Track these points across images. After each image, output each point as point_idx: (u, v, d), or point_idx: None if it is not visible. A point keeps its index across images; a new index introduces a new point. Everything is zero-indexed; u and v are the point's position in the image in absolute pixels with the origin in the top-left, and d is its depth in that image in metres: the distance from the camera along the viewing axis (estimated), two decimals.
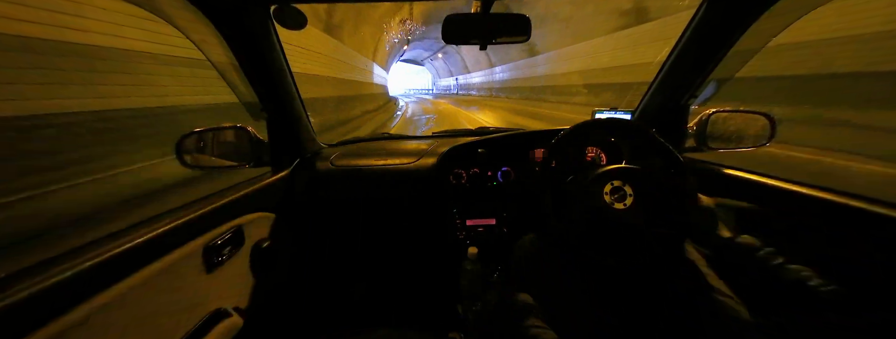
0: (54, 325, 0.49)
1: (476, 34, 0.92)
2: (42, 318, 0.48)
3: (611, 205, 0.88)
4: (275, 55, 1.02)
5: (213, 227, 0.80)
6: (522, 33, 0.91)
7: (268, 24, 0.95)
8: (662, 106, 1.19)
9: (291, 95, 1.14)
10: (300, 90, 1.18)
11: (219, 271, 0.81)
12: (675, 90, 1.14)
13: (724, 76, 1.07)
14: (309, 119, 1.28)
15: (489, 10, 0.86)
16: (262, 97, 1.08)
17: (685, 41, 1.03)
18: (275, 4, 0.90)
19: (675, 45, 1.06)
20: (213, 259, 0.78)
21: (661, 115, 1.20)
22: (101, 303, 0.55)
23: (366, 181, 1.31)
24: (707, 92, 1.13)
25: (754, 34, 0.93)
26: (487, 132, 1.46)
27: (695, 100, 1.15)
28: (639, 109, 1.28)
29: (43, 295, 0.49)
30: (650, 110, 1.23)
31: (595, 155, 1.28)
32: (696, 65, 1.04)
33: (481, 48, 0.97)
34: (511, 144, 1.34)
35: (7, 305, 0.45)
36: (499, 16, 0.88)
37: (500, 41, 0.92)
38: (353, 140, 1.56)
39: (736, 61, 1.03)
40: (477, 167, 1.32)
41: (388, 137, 1.67)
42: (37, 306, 0.48)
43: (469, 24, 0.91)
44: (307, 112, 1.26)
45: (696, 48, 1.02)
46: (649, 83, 1.22)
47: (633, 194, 0.88)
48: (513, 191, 1.32)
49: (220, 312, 0.80)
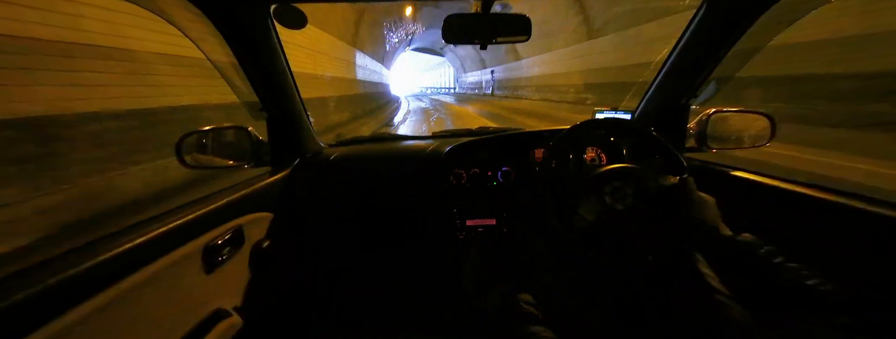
0: (54, 325, 0.49)
1: (476, 34, 0.92)
2: (42, 318, 0.48)
3: (611, 205, 0.88)
4: (275, 55, 1.02)
5: (214, 227, 0.80)
6: (523, 33, 0.92)
7: (268, 23, 0.95)
8: (662, 106, 1.19)
9: (291, 95, 1.14)
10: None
11: (219, 272, 0.81)
12: (675, 90, 1.14)
13: (724, 76, 1.08)
14: (309, 119, 1.28)
15: (489, 10, 0.87)
16: (262, 97, 1.08)
17: (685, 41, 1.03)
18: (275, 4, 0.90)
19: (675, 45, 1.06)
20: (213, 259, 0.78)
21: (661, 115, 1.20)
22: (101, 303, 0.55)
23: (366, 181, 1.31)
24: (707, 92, 1.13)
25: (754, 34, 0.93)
26: (488, 132, 1.46)
27: (695, 100, 1.15)
28: (639, 109, 1.28)
29: (43, 295, 0.48)
30: (650, 110, 1.23)
31: (595, 155, 1.28)
32: (696, 65, 1.05)
33: (481, 48, 0.98)
34: (511, 145, 1.34)
35: (7, 305, 0.45)
36: (499, 15, 0.89)
37: (500, 41, 0.92)
38: (353, 140, 1.56)
39: (736, 61, 1.03)
40: (477, 167, 1.32)
41: (389, 137, 1.67)
42: (37, 306, 0.48)
43: (469, 24, 0.91)
44: (307, 112, 1.26)
45: (696, 48, 1.02)
46: (649, 83, 1.22)
47: (632, 194, 0.88)
48: (513, 191, 1.32)
49: (220, 312, 0.80)
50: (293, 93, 1.15)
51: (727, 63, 1.02)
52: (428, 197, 1.32)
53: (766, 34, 0.96)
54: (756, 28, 0.91)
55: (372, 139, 1.60)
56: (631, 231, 0.88)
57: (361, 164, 1.32)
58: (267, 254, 0.99)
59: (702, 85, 1.10)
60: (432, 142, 1.45)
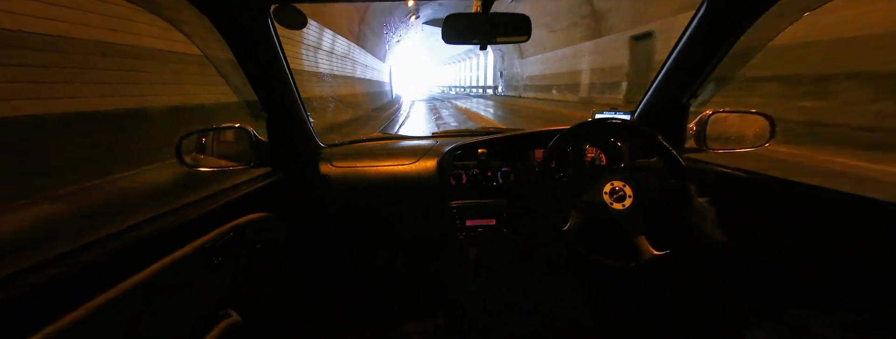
0: (54, 325, 0.48)
1: (477, 34, 0.92)
2: (42, 318, 0.48)
3: (610, 205, 0.88)
4: (275, 55, 1.02)
5: (214, 227, 0.80)
6: (523, 33, 0.92)
7: (268, 24, 0.95)
8: (662, 106, 1.19)
9: (291, 95, 1.14)
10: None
11: (219, 272, 0.81)
12: (675, 90, 1.14)
13: (724, 76, 1.08)
14: (309, 119, 1.28)
15: (490, 10, 0.87)
16: (262, 97, 1.08)
17: (685, 41, 1.03)
18: (275, 4, 0.90)
19: (675, 45, 1.06)
20: (213, 260, 0.78)
21: (661, 115, 1.20)
22: (101, 303, 0.55)
23: (366, 182, 1.31)
24: (707, 92, 1.13)
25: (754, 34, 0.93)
26: (488, 133, 1.46)
27: (695, 100, 1.15)
28: (639, 109, 1.28)
29: (43, 295, 0.48)
30: (650, 110, 1.23)
31: (595, 155, 1.28)
32: (696, 65, 1.05)
33: (482, 48, 0.98)
34: (511, 145, 1.34)
35: (7, 305, 0.45)
36: (499, 15, 0.89)
37: (501, 41, 0.93)
38: (353, 140, 1.56)
39: (736, 61, 1.03)
40: (477, 168, 1.32)
41: (389, 137, 1.67)
42: (37, 306, 0.48)
43: (470, 24, 0.91)
44: (307, 112, 1.26)
45: (696, 48, 1.02)
46: (649, 83, 1.22)
47: (632, 194, 0.89)
48: (513, 191, 1.33)
49: (220, 312, 0.80)
50: (293, 93, 1.15)
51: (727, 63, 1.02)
52: (428, 197, 1.32)
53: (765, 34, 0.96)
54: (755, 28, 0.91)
55: (372, 139, 1.60)
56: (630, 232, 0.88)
57: (362, 164, 1.32)
58: (267, 254, 0.99)
59: (702, 85, 1.10)
60: (432, 142, 1.45)
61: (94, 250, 0.57)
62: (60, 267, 0.52)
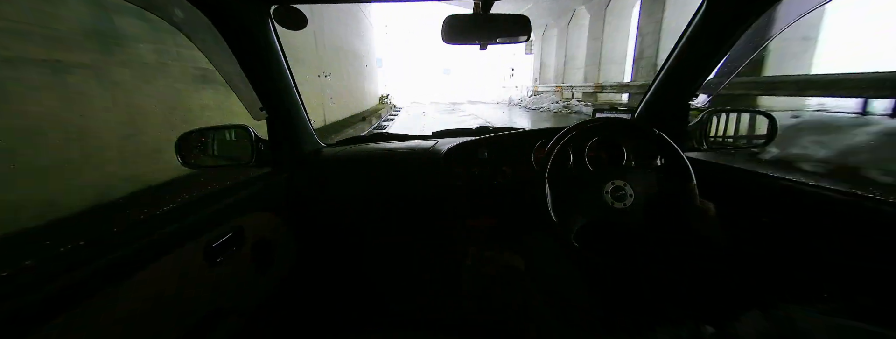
0: (54, 324, 0.49)
1: (476, 34, 0.92)
2: (42, 318, 0.48)
3: (611, 205, 0.88)
4: (275, 55, 1.02)
5: (214, 227, 0.80)
6: (523, 33, 0.92)
7: (268, 24, 0.95)
8: (662, 106, 1.19)
9: (292, 94, 1.14)
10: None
11: (219, 271, 0.81)
12: (675, 90, 1.14)
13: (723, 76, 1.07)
14: (309, 119, 1.28)
15: (489, 10, 0.87)
16: (262, 97, 1.08)
17: (685, 41, 1.03)
18: (275, 5, 0.90)
19: (676, 45, 1.06)
20: (213, 259, 0.78)
21: (662, 115, 1.20)
22: (101, 303, 0.55)
23: (366, 181, 1.31)
24: (707, 92, 1.13)
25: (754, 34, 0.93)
26: (488, 132, 1.46)
27: (695, 100, 1.15)
28: (639, 109, 1.28)
29: (43, 295, 0.49)
30: (650, 110, 1.23)
31: (596, 155, 1.28)
32: (696, 65, 1.04)
33: (481, 48, 0.98)
34: (511, 145, 1.34)
35: (7, 305, 0.45)
36: (499, 16, 0.89)
37: (500, 41, 0.93)
38: (353, 140, 1.56)
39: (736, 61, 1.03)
40: (477, 167, 1.32)
41: (389, 136, 1.67)
42: (37, 305, 0.48)
43: (469, 25, 0.91)
44: (307, 112, 1.26)
45: (696, 48, 1.02)
46: (649, 83, 1.22)
47: (633, 194, 0.88)
48: (514, 191, 1.32)
49: (221, 311, 0.80)
50: (293, 93, 1.15)
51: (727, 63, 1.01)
52: (428, 197, 1.32)
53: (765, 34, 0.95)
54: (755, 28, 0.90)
55: (372, 139, 1.60)
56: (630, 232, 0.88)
57: (361, 163, 1.32)
58: (267, 254, 0.99)
59: (702, 85, 1.10)
60: (432, 142, 1.45)
61: (95, 250, 0.58)
62: (61, 266, 0.52)
